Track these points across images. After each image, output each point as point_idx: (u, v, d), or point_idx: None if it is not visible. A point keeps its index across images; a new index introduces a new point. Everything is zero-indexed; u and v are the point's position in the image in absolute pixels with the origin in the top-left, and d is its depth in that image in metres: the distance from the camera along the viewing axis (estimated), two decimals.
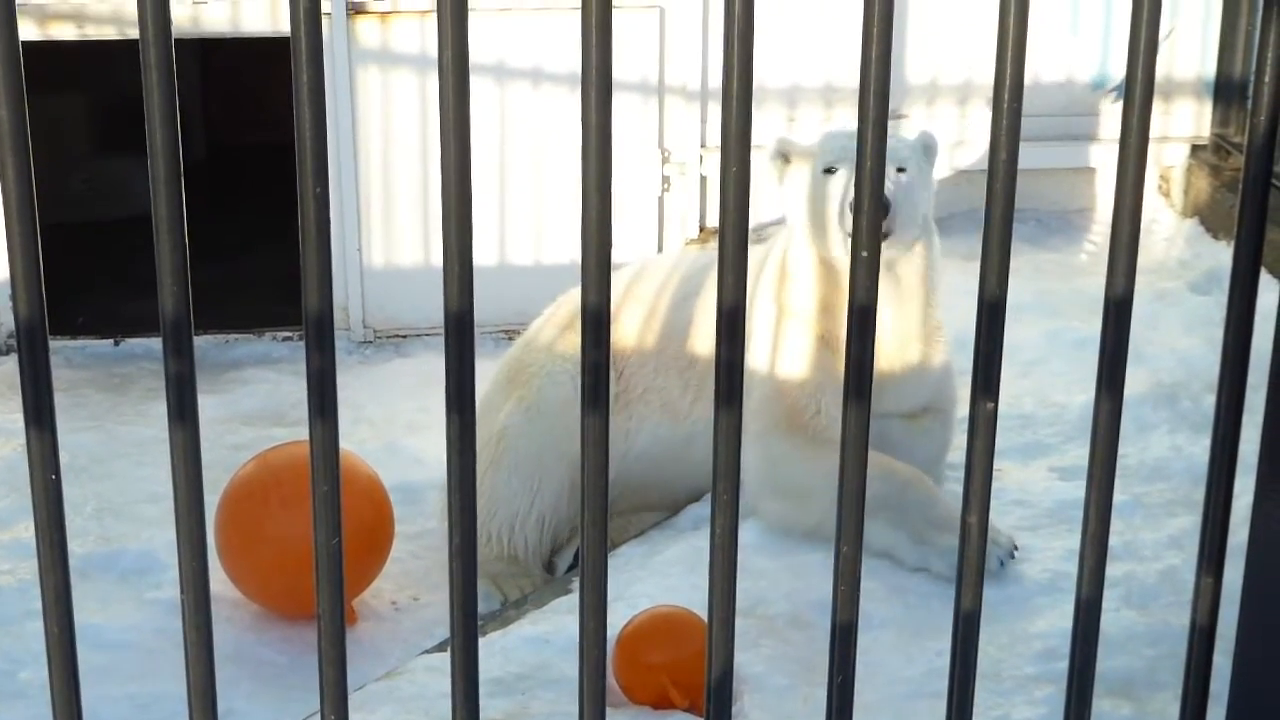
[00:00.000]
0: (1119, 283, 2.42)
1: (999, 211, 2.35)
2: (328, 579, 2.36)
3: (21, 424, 5.90)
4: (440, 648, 4.27)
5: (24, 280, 2.15)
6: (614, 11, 2.17)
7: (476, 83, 2.25)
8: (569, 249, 7.10)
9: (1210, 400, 5.35)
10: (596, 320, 2.27)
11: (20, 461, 5.55)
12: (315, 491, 2.30)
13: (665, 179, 7.32)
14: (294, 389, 6.62)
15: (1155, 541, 4.57)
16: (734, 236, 2.25)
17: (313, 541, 2.36)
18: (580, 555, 2.38)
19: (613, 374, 4.57)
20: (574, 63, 7.02)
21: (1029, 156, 2.84)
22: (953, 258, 7.36)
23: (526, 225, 7.24)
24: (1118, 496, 2.66)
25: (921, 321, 4.70)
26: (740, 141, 2.22)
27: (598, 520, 2.35)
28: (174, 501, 2.30)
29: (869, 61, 2.23)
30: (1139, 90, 2.33)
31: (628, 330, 4.89)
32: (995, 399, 2.41)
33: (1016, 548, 4.41)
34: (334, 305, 2.32)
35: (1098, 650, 2.70)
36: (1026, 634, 4.12)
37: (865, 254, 2.27)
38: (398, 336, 7.27)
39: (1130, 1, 2.37)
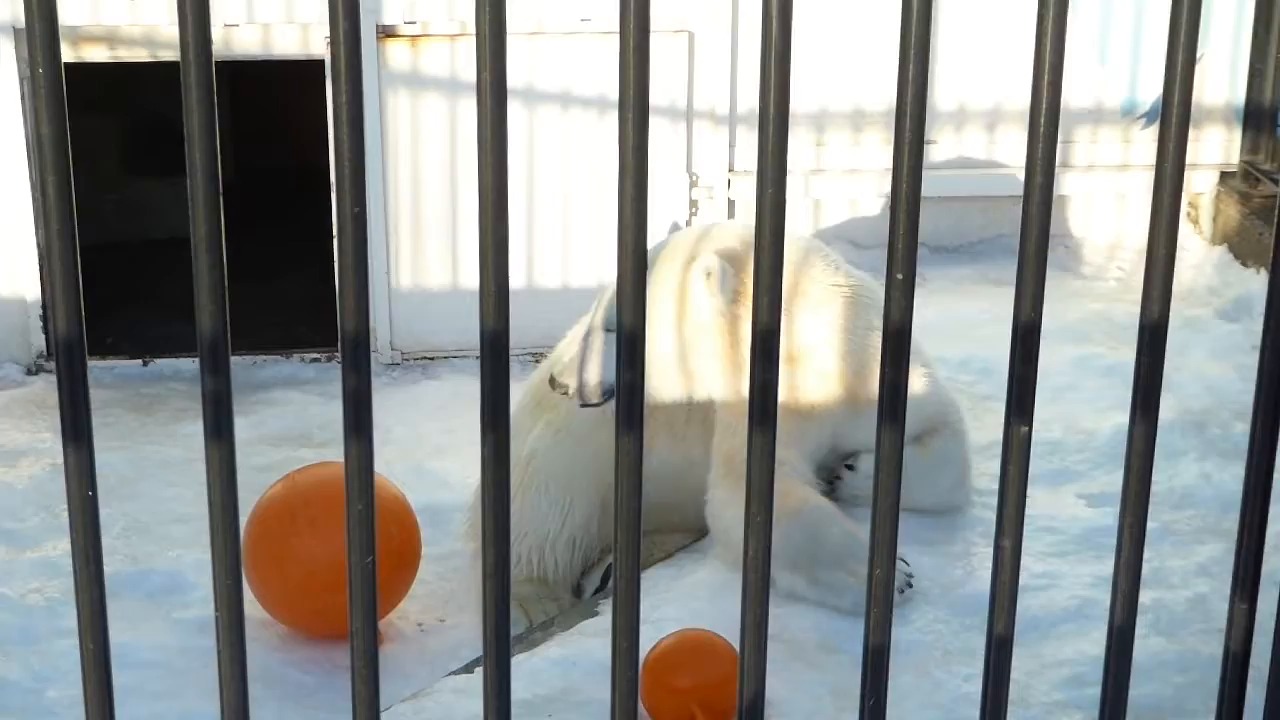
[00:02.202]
0: (1153, 308, 2.42)
1: (1034, 237, 2.35)
2: (360, 598, 2.37)
3: (50, 443, 5.94)
4: (467, 669, 4.27)
5: (63, 299, 2.16)
6: None
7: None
8: (597, 272, 7.11)
9: (1239, 428, 5.37)
10: (631, 342, 2.27)
11: (48, 481, 5.61)
12: (349, 510, 2.31)
13: (693, 203, 7.33)
14: (321, 410, 6.64)
15: (1184, 569, 4.55)
16: (769, 259, 2.26)
17: (343, 561, 2.36)
18: (613, 576, 2.38)
19: None
20: (603, 86, 7.08)
21: (1060, 182, 2.84)
22: (983, 283, 7.40)
23: (554, 248, 7.26)
24: (1147, 524, 2.65)
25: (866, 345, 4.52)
26: (776, 164, 2.23)
27: (631, 542, 2.35)
28: (209, 519, 2.31)
29: (905, 83, 2.23)
30: (1175, 116, 2.33)
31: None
32: (1029, 423, 2.41)
33: (911, 576, 4.33)
34: None
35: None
36: (1054, 660, 4.11)
37: (900, 276, 2.28)
38: (425, 359, 7.28)
39: (1164, 27, 2.37)
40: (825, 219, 7.68)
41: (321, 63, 6.75)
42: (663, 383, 4.52)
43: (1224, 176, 7.51)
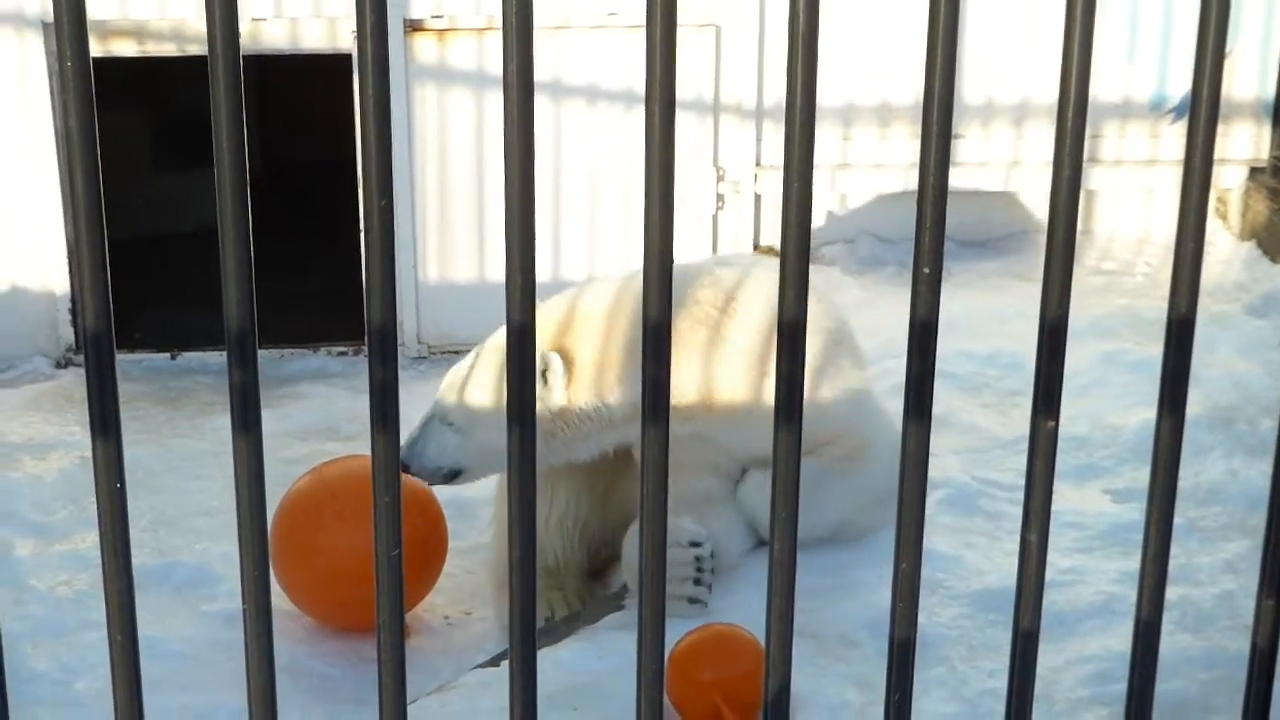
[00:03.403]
0: (1181, 304, 2.41)
1: (1061, 232, 2.34)
2: (388, 590, 2.37)
3: (78, 436, 5.96)
4: (493, 662, 4.28)
5: (91, 293, 2.17)
6: None
7: None
8: (623, 265, 7.11)
9: (1267, 424, 5.35)
10: (657, 334, 2.28)
11: (77, 473, 5.64)
12: (377, 503, 2.31)
13: (720, 197, 7.33)
14: (348, 404, 6.66)
15: (1211, 565, 4.54)
16: (796, 252, 2.26)
17: (370, 553, 2.37)
18: (640, 568, 2.38)
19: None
20: (629, 80, 7.08)
21: (1088, 177, 2.83)
22: (1009, 278, 7.39)
23: (581, 242, 7.27)
24: (1174, 520, 2.64)
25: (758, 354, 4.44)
26: (803, 158, 2.22)
27: (656, 534, 2.35)
28: (236, 511, 2.31)
29: (932, 77, 2.22)
30: (1203, 111, 2.32)
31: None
32: (1056, 418, 2.41)
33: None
34: None
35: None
36: (1080, 656, 4.10)
37: (927, 270, 2.27)
38: (451, 352, 7.28)
39: (1193, 22, 2.36)
40: (852, 213, 7.68)
41: (349, 57, 6.77)
42: (489, 469, 4.60)
43: (1253, 172, 7.49)
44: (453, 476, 4.54)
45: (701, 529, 4.32)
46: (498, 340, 4.61)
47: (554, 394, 4.38)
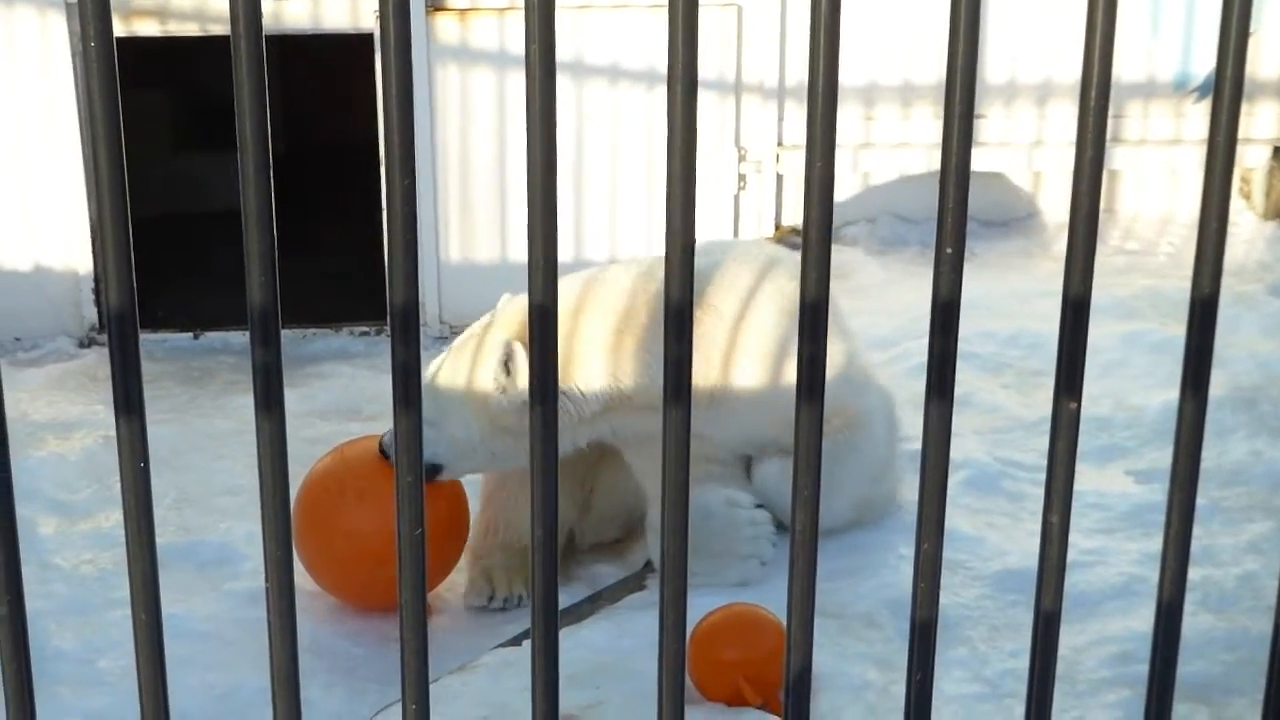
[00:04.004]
0: (1204, 284, 2.40)
1: (1084, 212, 2.34)
2: (410, 569, 2.38)
3: (102, 415, 5.96)
4: (514, 642, 4.29)
5: (115, 272, 2.17)
6: None
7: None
8: (643, 245, 7.11)
9: None
10: (679, 314, 2.28)
11: (101, 452, 5.65)
12: (399, 482, 2.32)
13: (742, 177, 7.32)
14: (370, 384, 6.66)
15: (1234, 546, 4.54)
16: (818, 232, 2.26)
17: (392, 533, 2.37)
18: (662, 548, 2.38)
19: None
20: (651, 60, 7.07)
21: (1111, 157, 2.82)
22: (1032, 258, 7.37)
23: (602, 221, 7.27)
24: (1196, 500, 2.64)
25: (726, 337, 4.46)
26: (825, 138, 2.22)
27: (677, 517, 2.35)
28: (259, 490, 2.32)
29: (955, 56, 2.22)
30: (1227, 90, 2.31)
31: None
32: (1078, 399, 2.40)
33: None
34: None
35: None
36: (1102, 636, 4.10)
37: (949, 250, 2.27)
38: None
39: (1217, 1, 2.35)
40: (874, 193, 7.67)
41: (371, 37, 6.77)
42: (466, 465, 4.57)
43: (1277, 151, 7.47)
44: (433, 472, 4.48)
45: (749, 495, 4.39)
46: (471, 331, 4.61)
47: (517, 382, 4.37)
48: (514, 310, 4.53)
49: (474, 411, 4.43)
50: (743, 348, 4.41)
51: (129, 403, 2.24)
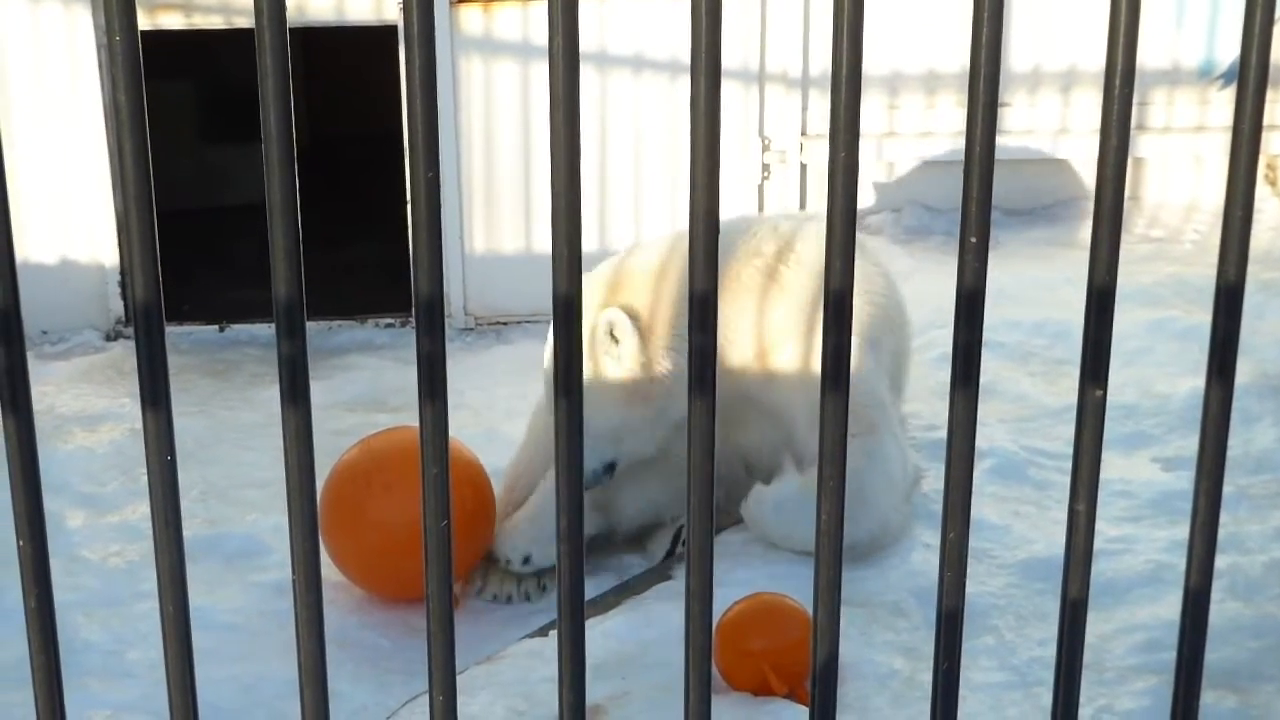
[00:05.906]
0: (1230, 271, 2.39)
1: (1108, 199, 2.33)
2: (436, 561, 2.38)
3: (128, 408, 5.99)
4: (541, 632, 4.29)
5: (141, 265, 2.18)
6: None
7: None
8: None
9: None
10: (703, 304, 2.27)
11: (128, 445, 5.67)
12: (425, 474, 2.32)
13: (765, 167, 7.32)
14: (395, 375, 6.68)
15: (1261, 534, 4.52)
16: (842, 221, 2.25)
17: (418, 525, 2.37)
18: (687, 539, 2.38)
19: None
20: (675, 49, 7.07)
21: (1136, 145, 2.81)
22: (1057, 247, 7.35)
23: (627, 212, 7.27)
24: (1223, 488, 2.63)
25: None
26: (849, 127, 2.22)
27: (704, 505, 2.35)
28: (286, 482, 2.32)
29: (979, 44, 2.21)
30: (1252, 77, 2.30)
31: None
32: (1104, 387, 2.40)
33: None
34: None
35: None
36: (1129, 624, 4.10)
37: (974, 239, 2.26)
38: (499, 323, 7.31)
39: None
40: (898, 182, 7.65)
41: (394, 28, 6.78)
42: (633, 447, 4.59)
43: None
44: (610, 470, 4.57)
45: None
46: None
47: (626, 348, 4.38)
48: (598, 283, 4.53)
49: (612, 396, 4.47)
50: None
51: (155, 396, 2.24)
